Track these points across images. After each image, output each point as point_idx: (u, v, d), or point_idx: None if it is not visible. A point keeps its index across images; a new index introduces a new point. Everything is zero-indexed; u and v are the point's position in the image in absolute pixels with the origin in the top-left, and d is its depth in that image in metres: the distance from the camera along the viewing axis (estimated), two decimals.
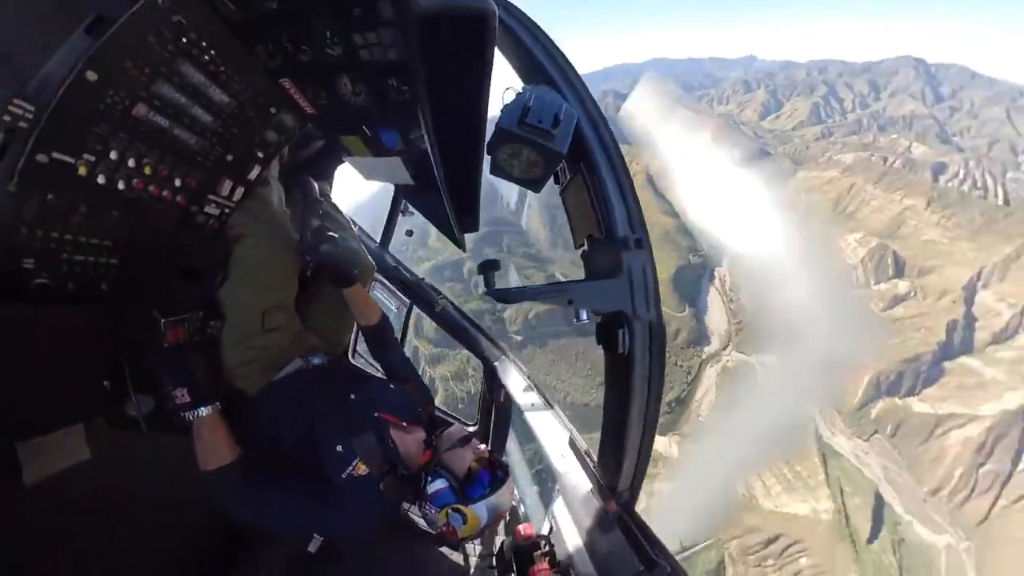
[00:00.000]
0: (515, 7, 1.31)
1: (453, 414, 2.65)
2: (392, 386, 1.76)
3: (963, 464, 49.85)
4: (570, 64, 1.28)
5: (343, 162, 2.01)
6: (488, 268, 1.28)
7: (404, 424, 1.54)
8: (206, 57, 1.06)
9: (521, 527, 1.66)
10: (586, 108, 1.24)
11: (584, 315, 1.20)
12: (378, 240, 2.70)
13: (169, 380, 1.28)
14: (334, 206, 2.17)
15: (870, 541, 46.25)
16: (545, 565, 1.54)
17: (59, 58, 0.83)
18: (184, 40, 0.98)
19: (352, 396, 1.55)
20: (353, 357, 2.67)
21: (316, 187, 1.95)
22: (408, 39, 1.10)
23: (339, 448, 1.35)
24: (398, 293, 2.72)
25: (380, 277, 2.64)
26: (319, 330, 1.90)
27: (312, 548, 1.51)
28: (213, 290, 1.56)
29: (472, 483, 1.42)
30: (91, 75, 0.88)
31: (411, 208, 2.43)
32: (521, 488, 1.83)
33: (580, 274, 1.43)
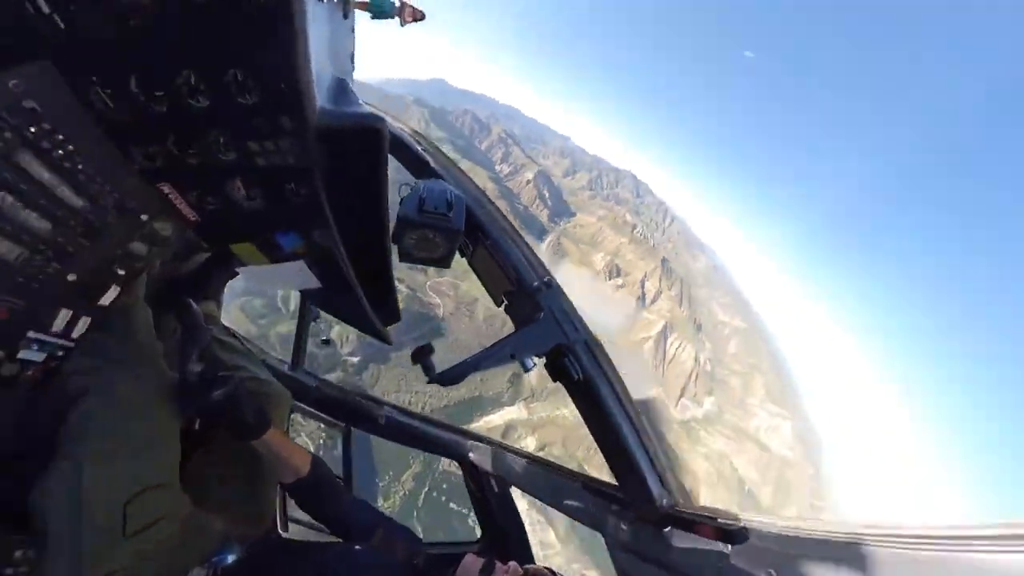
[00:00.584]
0: (399, 120, 1.60)
1: (448, 541, 2.08)
2: (357, 548, 1.31)
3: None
4: (448, 158, 1.58)
5: (235, 274, 1.83)
6: (423, 355, 1.37)
7: None
8: (60, 152, 0.95)
9: None
10: (468, 191, 1.49)
11: (530, 362, 1.28)
12: (289, 360, 2.31)
13: None
14: (226, 330, 1.87)
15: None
16: None
17: None
18: (34, 130, 0.88)
19: None
20: (286, 529, 1.95)
21: (199, 310, 1.69)
22: (307, 149, 1.20)
23: None
24: (328, 418, 2.24)
25: (301, 405, 2.20)
26: (226, 507, 1.38)
27: None
28: (22, 494, 1.04)
29: None
30: None
31: (322, 313, 2.24)
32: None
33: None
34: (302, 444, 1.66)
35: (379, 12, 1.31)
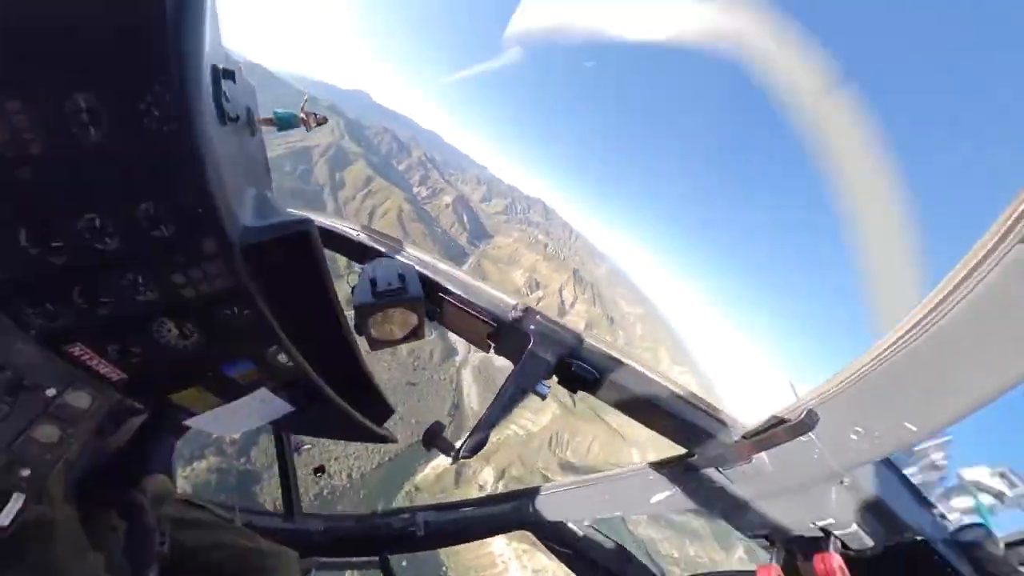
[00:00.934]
0: (324, 214, 1.62)
1: None
2: None
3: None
4: (386, 235, 1.60)
5: (184, 430, 1.55)
6: (435, 436, 1.29)
7: None
8: None
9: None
10: (414, 256, 1.52)
11: (544, 388, 1.26)
12: (281, 510, 1.90)
13: None
14: (187, 503, 1.53)
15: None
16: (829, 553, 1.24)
17: None
18: None
19: None
20: None
21: (143, 496, 1.37)
22: (238, 268, 1.13)
23: None
24: (355, 560, 1.81)
25: (317, 560, 1.79)
26: None
27: None
28: None
29: None
30: None
31: (303, 440, 1.92)
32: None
33: None
34: None
35: (285, 126, 1.39)
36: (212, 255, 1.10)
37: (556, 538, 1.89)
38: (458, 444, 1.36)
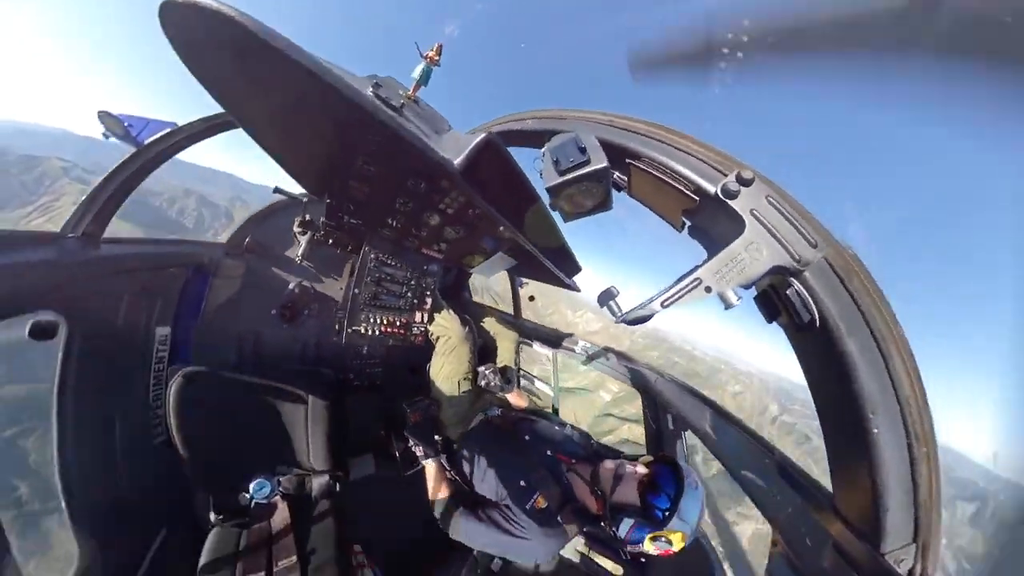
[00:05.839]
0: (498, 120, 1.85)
1: (616, 450, 2.49)
2: (556, 427, 2.01)
3: None
4: (559, 112, 1.50)
5: (470, 274, 2.87)
6: (609, 297, 0.97)
7: (574, 461, 1.70)
8: (388, 267, 2.13)
9: None
10: (594, 121, 1.31)
11: (733, 297, 0.88)
12: (512, 313, 3.35)
13: (415, 441, 1.89)
14: (474, 304, 2.95)
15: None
16: None
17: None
18: (384, 268, 2.09)
19: (526, 437, 1.86)
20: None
21: (466, 298, 2.81)
22: (464, 186, 1.76)
23: (521, 483, 1.60)
24: (542, 347, 3.13)
25: (525, 340, 3.07)
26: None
27: (495, 567, 1.85)
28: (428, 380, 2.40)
29: (652, 507, 1.39)
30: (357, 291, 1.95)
31: (523, 280, 3.02)
32: None
33: None
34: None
35: (427, 79, 1.43)
36: (449, 186, 1.81)
37: (653, 415, 2.20)
38: (625, 311, 1.12)
